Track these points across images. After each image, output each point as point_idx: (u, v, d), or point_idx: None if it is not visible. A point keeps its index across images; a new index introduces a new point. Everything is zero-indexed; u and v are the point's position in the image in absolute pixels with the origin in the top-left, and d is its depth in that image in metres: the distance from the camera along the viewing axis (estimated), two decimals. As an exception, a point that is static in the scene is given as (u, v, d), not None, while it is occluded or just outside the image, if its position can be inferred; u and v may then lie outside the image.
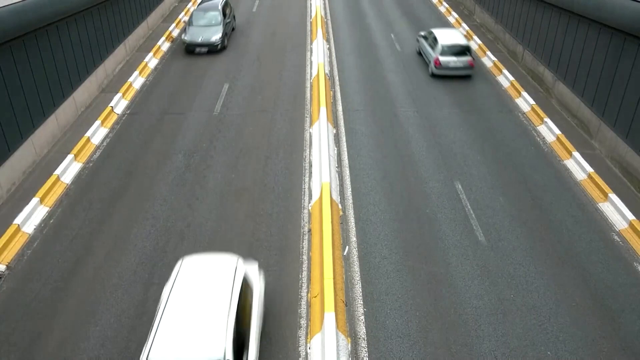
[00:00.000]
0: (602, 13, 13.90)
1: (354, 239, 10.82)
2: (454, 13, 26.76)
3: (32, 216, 11.28)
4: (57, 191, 12.28)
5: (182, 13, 26.53)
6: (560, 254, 10.53)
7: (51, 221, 11.36)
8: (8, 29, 12.04)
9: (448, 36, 18.99)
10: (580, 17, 15.29)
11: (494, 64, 20.03)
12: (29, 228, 11.03)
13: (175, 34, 23.92)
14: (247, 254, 10.31)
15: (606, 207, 11.88)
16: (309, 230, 10.94)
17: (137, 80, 18.40)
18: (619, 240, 10.96)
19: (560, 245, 10.76)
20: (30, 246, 10.62)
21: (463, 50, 18.47)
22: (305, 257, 10.25)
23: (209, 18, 21.50)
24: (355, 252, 10.46)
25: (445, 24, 25.68)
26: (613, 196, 11.88)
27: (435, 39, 19.03)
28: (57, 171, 12.64)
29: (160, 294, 9.32)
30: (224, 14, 22.18)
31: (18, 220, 10.88)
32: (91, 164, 13.56)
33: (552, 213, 11.75)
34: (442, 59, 18.38)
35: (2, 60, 12.15)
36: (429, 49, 19.47)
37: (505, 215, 11.62)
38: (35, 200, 11.54)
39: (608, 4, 13.57)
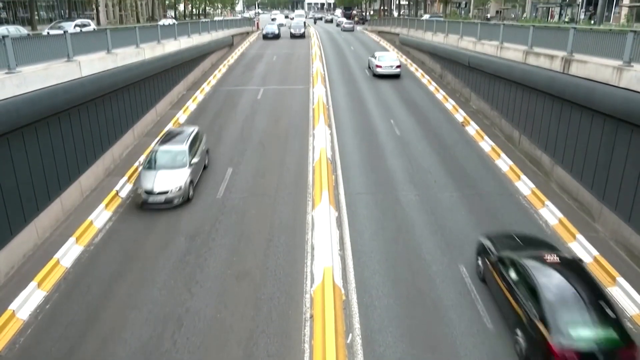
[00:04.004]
0: (593, 100, 14.44)
1: (357, 325, 10.48)
2: (450, 100, 27.85)
3: (28, 301, 11.04)
4: (56, 275, 12.11)
5: (190, 100, 27.66)
6: (572, 341, 10.11)
7: (47, 306, 11.09)
8: (22, 116, 12.53)
9: None
10: (573, 104, 15.86)
11: (492, 148, 20.50)
12: (24, 314, 10.75)
13: (182, 120, 24.78)
14: (247, 340, 9.95)
15: (616, 292, 11.59)
16: (311, 316, 10.63)
17: (143, 164, 18.80)
18: (631, 327, 10.58)
19: (572, 332, 10.35)
20: (24, 333, 10.29)
21: None
22: (307, 345, 9.86)
23: (169, 157, 16.20)
24: (358, 339, 10.08)
25: (443, 110, 26.63)
26: (621, 280, 11.64)
27: None
28: (58, 254, 12.55)
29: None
30: (193, 151, 16.89)
31: (13, 305, 10.64)
32: (92, 247, 13.49)
33: (560, 298, 11.42)
34: None
35: (14, 146, 12.51)
36: None
37: (513, 300, 11.30)
38: (32, 284, 11.36)
39: (597, 92, 14.15)
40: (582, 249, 13.22)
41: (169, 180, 15.44)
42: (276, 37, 58.55)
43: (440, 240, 13.78)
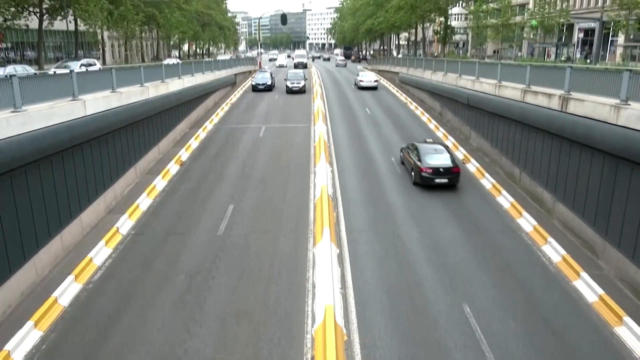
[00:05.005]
0: (592, 138, 14.55)
1: (359, 366, 10.24)
2: (451, 138, 28.08)
3: (24, 341, 10.82)
4: (53, 314, 11.91)
5: (192, 138, 27.95)
6: (580, 383, 9.86)
7: (43, 347, 10.86)
8: (26, 154, 12.63)
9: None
10: (572, 142, 15.98)
11: (493, 185, 20.52)
12: (20, 354, 10.50)
13: (184, 157, 24.95)
14: (246, 384, 9.72)
15: (622, 332, 11.36)
16: (312, 358, 10.39)
17: (144, 202, 18.81)
18: (641, 368, 10.33)
19: (579, 374, 10.12)
20: (18, 374, 10.06)
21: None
22: (308, 387, 9.61)
23: None
24: (361, 381, 9.83)
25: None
26: (628, 319, 11.42)
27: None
28: (56, 293, 12.39)
29: None
30: None
31: (9, 346, 10.43)
32: (91, 286, 13.34)
33: (567, 337, 11.22)
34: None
35: (16, 183, 12.57)
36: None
37: (518, 340, 11.09)
38: (29, 324, 11.17)
39: (596, 130, 14.27)
40: (587, 287, 13.03)
41: None
42: (268, 88, 46.58)
43: (443, 277, 13.62)
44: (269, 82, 46.87)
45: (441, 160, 19.97)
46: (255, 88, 46.50)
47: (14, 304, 12.26)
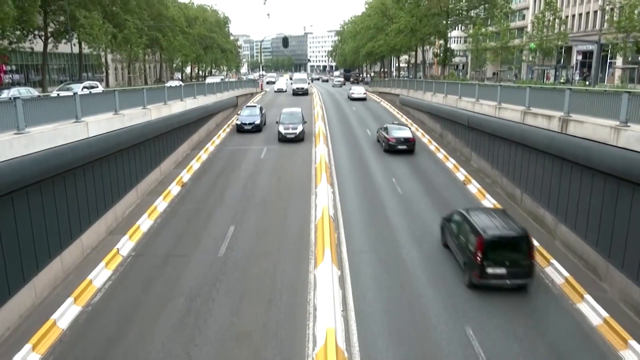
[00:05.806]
0: (592, 160, 14.58)
1: (361, 391, 10.08)
2: (451, 159, 28.14)
3: (21, 365, 10.71)
4: (52, 337, 11.79)
5: (194, 160, 28.05)
6: (586, 409, 9.68)
7: (41, 370, 10.75)
8: (28, 176, 12.66)
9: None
10: (573, 164, 15.99)
11: (494, 206, 20.45)
12: (16, 378, 10.40)
13: (186, 179, 25.01)
14: (246, 409, 9.55)
15: (628, 355, 11.19)
16: (313, 381, 10.25)
17: (145, 223, 18.78)
18: (647, 393, 10.15)
19: (585, 399, 9.94)
20: (15, 399, 9.92)
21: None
22: (309, 413, 9.45)
23: None
24: (363, 406, 9.66)
25: (443, 170, 26.87)
26: (633, 343, 11.26)
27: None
28: (55, 315, 12.29)
29: None
30: None
31: (6, 369, 10.32)
32: (90, 308, 13.23)
33: (571, 362, 11.06)
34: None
35: (18, 204, 12.57)
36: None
37: (522, 364, 10.93)
38: (27, 347, 11.05)
39: (596, 152, 14.31)
40: (591, 310, 12.89)
41: None
42: (257, 129, 36.55)
43: (445, 299, 13.50)
44: (258, 121, 36.78)
45: (402, 133, 30.46)
46: (240, 128, 36.54)
47: (13, 327, 12.14)
